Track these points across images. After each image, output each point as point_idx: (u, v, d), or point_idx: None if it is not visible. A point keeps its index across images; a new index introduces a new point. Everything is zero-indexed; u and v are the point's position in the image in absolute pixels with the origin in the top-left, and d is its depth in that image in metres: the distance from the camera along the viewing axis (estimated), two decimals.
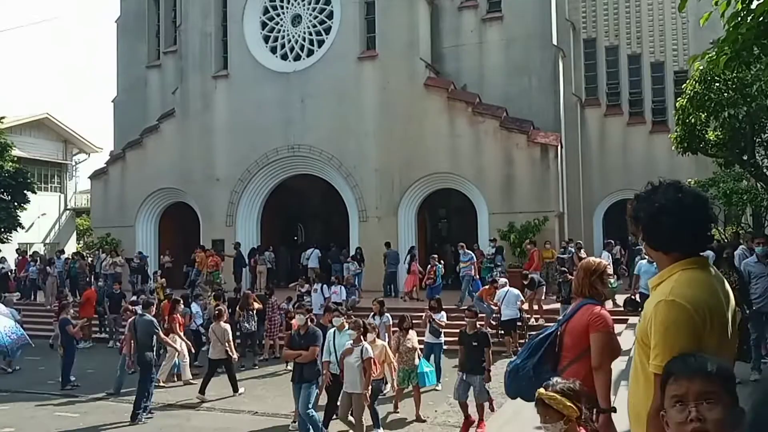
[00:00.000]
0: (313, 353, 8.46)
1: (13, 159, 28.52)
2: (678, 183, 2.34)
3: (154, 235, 23.84)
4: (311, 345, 8.47)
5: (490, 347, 8.73)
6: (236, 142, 21.80)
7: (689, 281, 2.22)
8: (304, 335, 8.61)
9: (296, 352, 8.49)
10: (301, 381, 8.39)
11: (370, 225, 20.38)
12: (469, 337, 8.67)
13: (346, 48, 20.75)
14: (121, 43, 26.77)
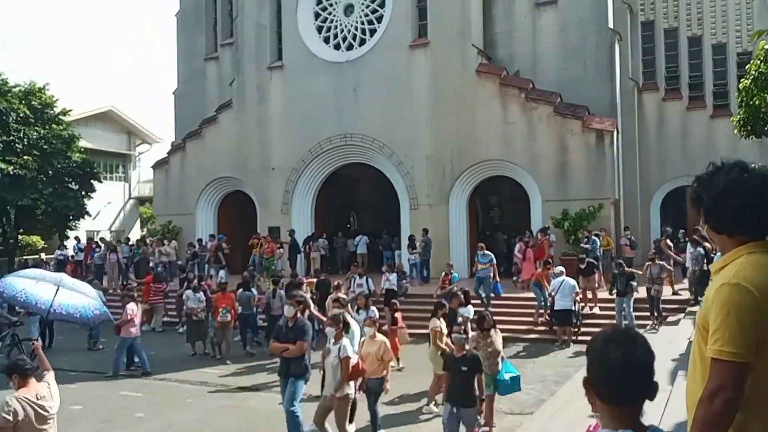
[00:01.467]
0: (301, 348, 7.87)
1: (80, 150, 29.85)
2: (743, 163, 2.23)
3: (213, 222, 24.58)
4: (299, 339, 7.87)
5: (483, 372, 7.49)
6: (291, 131, 22.21)
7: (755, 265, 2.11)
8: (292, 327, 7.99)
9: (283, 346, 7.91)
10: (288, 375, 7.89)
11: (421, 213, 20.47)
12: (456, 362, 7.34)
13: (398, 36, 20.81)
14: (180, 37, 27.55)
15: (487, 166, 19.94)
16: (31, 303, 6.82)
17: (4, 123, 26.42)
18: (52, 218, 28.06)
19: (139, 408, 10.06)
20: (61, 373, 12.29)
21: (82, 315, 6.86)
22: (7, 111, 26.51)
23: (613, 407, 1.85)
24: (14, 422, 4.94)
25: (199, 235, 23.43)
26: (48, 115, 28.59)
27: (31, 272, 7.67)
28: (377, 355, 8.02)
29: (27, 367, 5.33)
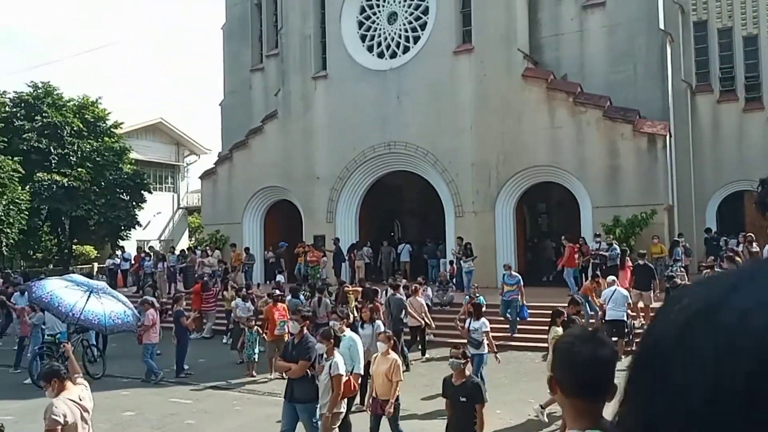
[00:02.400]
0: (303, 368, 7.17)
1: (131, 161, 30.66)
2: None
3: (260, 231, 24.82)
4: (302, 358, 7.20)
5: (484, 403, 6.40)
6: (335, 140, 22.29)
7: None
8: (297, 345, 7.39)
9: (286, 365, 7.35)
10: (292, 400, 7.26)
11: (467, 220, 20.22)
12: (455, 390, 6.30)
13: (442, 43, 20.69)
14: (227, 49, 28.03)
15: (534, 172, 19.59)
16: (53, 305, 6.91)
17: (59, 136, 27.34)
18: (105, 228, 28.86)
19: (188, 415, 10.12)
20: (112, 380, 12.62)
21: (100, 323, 6.91)
22: (62, 124, 27.44)
23: (579, 403, 1.95)
24: (63, 424, 4.99)
25: (246, 243, 23.68)
26: (100, 128, 29.49)
27: (72, 277, 7.75)
28: (388, 374, 7.30)
29: (63, 372, 5.39)
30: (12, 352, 14.72)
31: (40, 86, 28.44)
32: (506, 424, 9.30)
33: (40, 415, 5.31)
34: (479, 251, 18.62)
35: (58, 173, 26.69)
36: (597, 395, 1.95)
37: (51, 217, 26.96)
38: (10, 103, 28.02)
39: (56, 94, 28.66)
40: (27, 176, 25.20)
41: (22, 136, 26.25)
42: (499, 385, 11.52)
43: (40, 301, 7.15)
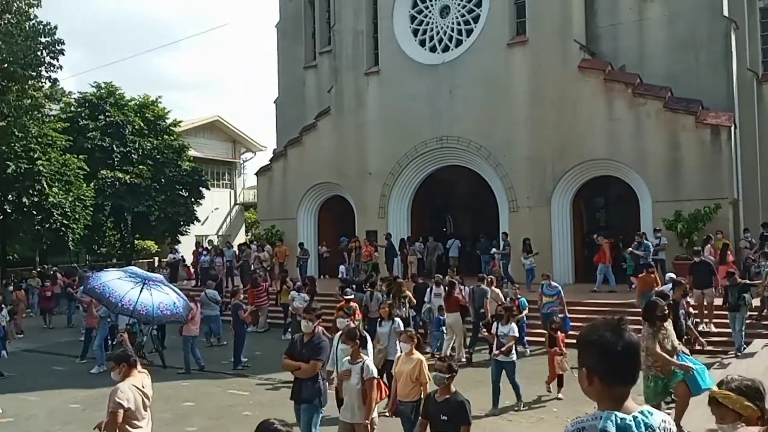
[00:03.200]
0: (314, 368, 6.76)
1: (190, 159, 31.50)
2: None
3: (314, 226, 25.12)
4: (313, 358, 6.78)
5: (469, 424, 5.43)
6: (387, 136, 22.32)
7: None
8: (307, 344, 6.92)
9: (295, 364, 6.86)
10: (299, 401, 6.90)
11: (521, 215, 19.94)
12: (437, 407, 5.51)
13: (496, 35, 20.43)
14: (281, 47, 28.40)
15: (591, 166, 19.14)
16: (105, 296, 7.06)
17: (121, 135, 28.29)
18: (165, 224, 29.72)
19: (246, 406, 10.34)
20: (173, 370, 13.02)
21: (148, 313, 7.01)
22: (123, 123, 28.38)
23: (613, 389, 2.12)
24: (125, 408, 5.17)
25: (300, 239, 24.01)
26: (160, 127, 30.37)
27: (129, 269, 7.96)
28: (412, 376, 6.81)
29: (133, 358, 5.59)
30: (79, 342, 15.39)
31: (103, 86, 29.49)
32: (563, 422, 9.13)
33: (105, 403, 5.52)
34: (534, 248, 18.31)
35: (120, 170, 27.63)
36: (631, 380, 2.14)
37: (114, 213, 27.94)
38: (75, 103, 29.15)
39: (118, 94, 29.66)
40: (91, 174, 26.19)
41: (87, 135, 27.27)
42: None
43: (93, 291, 7.32)
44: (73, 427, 9.22)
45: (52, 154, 24.24)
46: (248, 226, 40.79)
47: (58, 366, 14.19)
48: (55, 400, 10.94)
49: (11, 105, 20.55)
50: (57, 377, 12.93)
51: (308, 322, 7.07)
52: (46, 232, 24.10)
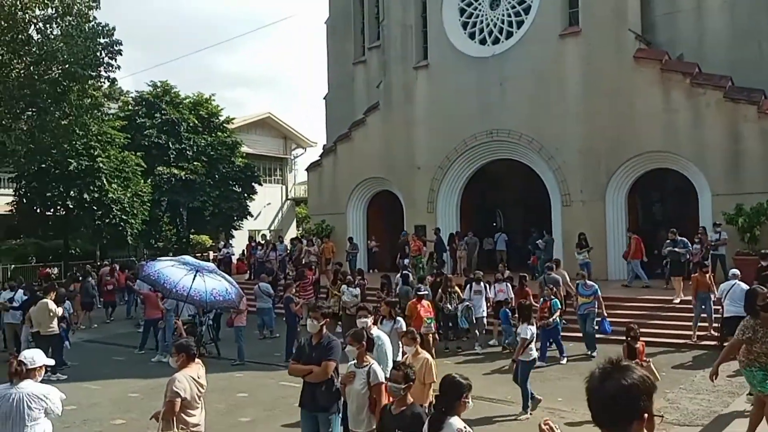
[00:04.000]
0: (327, 370, 6.07)
1: (243, 155, 32.12)
2: None
3: (363, 221, 25.24)
4: (325, 359, 6.10)
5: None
6: (436, 130, 22.22)
7: None
8: (316, 346, 6.27)
9: (305, 368, 6.17)
10: (314, 408, 6.17)
11: (574, 209, 19.55)
12: (392, 420, 5.03)
13: (547, 26, 20.06)
14: (330, 43, 28.60)
15: (647, 159, 18.60)
16: (159, 282, 7.28)
17: (176, 132, 29.04)
18: (219, 219, 30.43)
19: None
20: (226, 362, 13.31)
21: (202, 299, 7.21)
22: (179, 121, 29.12)
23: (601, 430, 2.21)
24: (182, 398, 5.33)
25: (350, 233, 24.18)
26: (214, 124, 31.04)
27: (182, 258, 8.15)
28: (419, 377, 6.29)
29: (193, 350, 5.74)
30: (137, 334, 15.90)
31: (159, 85, 30.31)
32: None
33: (161, 393, 5.69)
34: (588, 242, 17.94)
35: (176, 167, 28.39)
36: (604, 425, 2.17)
37: (170, 208, 28.73)
38: (133, 102, 30.08)
39: (173, 92, 30.44)
40: (149, 170, 27.00)
41: (144, 133, 28.10)
42: None
43: (147, 278, 7.62)
44: (133, 415, 9.54)
45: (112, 152, 25.11)
46: (299, 221, 41.32)
47: (118, 356, 14.70)
48: (116, 389, 11.34)
49: (73, 104, 21.30)
50: (117, 367, 13.40)
51: (313, 321, 6.35)
52: (106, 227, 24.99)
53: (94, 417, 9.57)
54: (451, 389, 4.19)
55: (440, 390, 4.23)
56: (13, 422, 5.11)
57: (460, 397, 4.16)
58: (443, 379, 4.29)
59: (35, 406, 5.20)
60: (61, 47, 20.16)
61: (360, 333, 6.21)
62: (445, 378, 4.29)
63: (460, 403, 4.16)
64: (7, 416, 5.11)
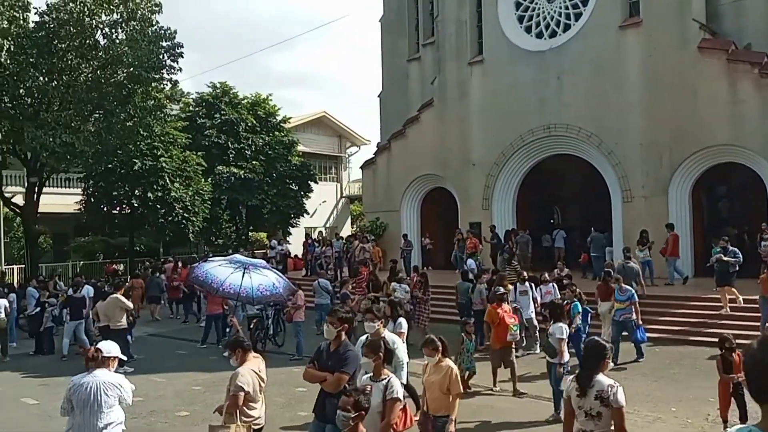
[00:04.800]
0: (339, 382, 5.58)
1: (299, 154, 32.61)
2: None
3: (417, 218, 25.24)
4: (339, 370, 5.63)
5: None
6: (491, 126, 21.99)
7: None
8: (333, 353, 5.81)
9: (320, 375, 5.75)
10: (324, 419, 5.72)
11: (636, 206, 19.02)
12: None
13: (606, 18, 19.56)
14: (384, 41, 28.69)
15: (712, 152, 17.90)
16: (207, 283, 7.41)
17: (235, 132, 29.71)
18: (276, 216, 31.00)
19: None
20: (285, 357, 13.55)
21: (248, 294, 7.29)
22: (237, 121, 29.78)
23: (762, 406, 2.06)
24: (246, 392, 5.47)
25: (404, 230, 24.21)
26: (271, 123, 31.61)
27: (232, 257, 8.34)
28: (442, 387, 6.07)
29: (247, 343, 5.89)
30: (199, 329, 16.36)
31: (218, 86, 31.05)
32: (682, 423, 8.67)
33: (223, 386, 5.85)
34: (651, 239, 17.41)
35: (235, 166, 29.06)
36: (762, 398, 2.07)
37: (230, 206, 29.42)
38: (193, 103, 30.91)
39: (232, 93, 31.13)
40: (209, 169, 27.74)
41: (204, 133, 28.85)
42: (673, 381, 10.79)
43: (196, 279, 7.73)
44: (197, 407, 9.82)
45: (174, 152, 25.91)
46: (353, 218, 41.65)
47: (181, 350, 15.17)
48: (180, 382, 11.70)
49: (137, 106, 22.11)
50: (180, 360, 13.83)
51: (330, 326, 5.87)
52: (168, 225, 25.81)
53: (160, 408, 9.90)
54: (596, 351, 4.70)
55: (586, 352, 4.80)
56: (90, 409, 5.38)
57: (603, 358, 4.66)
58: (588, 342, 5.00)
59: (111, 393, 5.46)
60: (126, 51, 20.94)
61: (377, 343, 5.71)
62: (590, 341, 4.98)
63: (604, 362, 4.65)
64: (86, 403, 5.38)
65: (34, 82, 20.30)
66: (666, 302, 15.08)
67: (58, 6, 20.38)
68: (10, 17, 19.98)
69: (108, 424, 5.42)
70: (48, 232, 28.26)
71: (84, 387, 5.41)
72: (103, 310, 13.22)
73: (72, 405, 5.44)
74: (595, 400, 4.47)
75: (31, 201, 22.96)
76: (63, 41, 20.37)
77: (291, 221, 32.15)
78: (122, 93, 21.79)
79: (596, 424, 4.49)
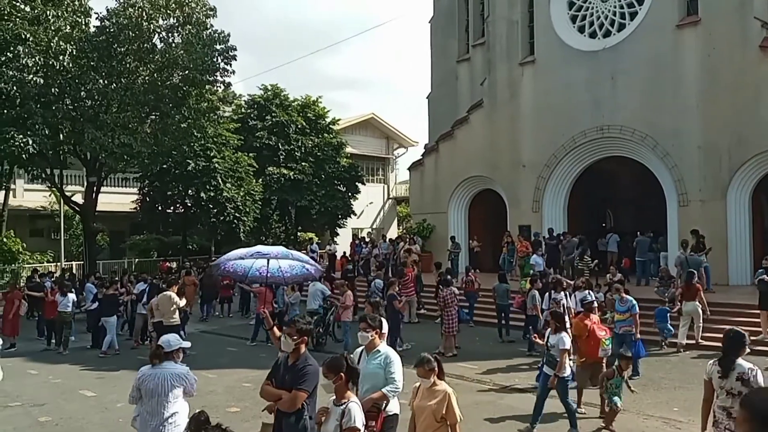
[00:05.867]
0: (294, 400, 4.99)
1: (347, 156, 32.85)
2: None
3: (464, 220, 25.08)
4: (296, 387, 5.01)
5: None
6: (542, 127, 21.69)
7: None
8: (290, 367, 5.19)
9: (275, 392, 5.14)
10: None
11: (692, 210, 18.44)
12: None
13: (663, 16, 19.05)
14: (434, 42, 28.63)
15: None
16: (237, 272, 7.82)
17: (285, 134, 30.13)
18: (324, 217, 31.30)
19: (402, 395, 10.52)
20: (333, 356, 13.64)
21: (272, 274, 7.68)
22: (288, 123, 30.20)
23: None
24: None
25: (451, 232, 24.08)
26: (320, 125, 31.93)
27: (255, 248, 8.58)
28: (437, 414, 5.22)
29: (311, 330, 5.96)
30: (250, 326, 16.62)
31: (270, 89, 31.54)
32: None
33: None
34: (708, 244, 16.84)
35: (285, 167, 29.47)
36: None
37: (279, 206, 29.86)
38: (245, 105, 31.48)
39: (283, 95, 31.58)
40: (260, 170, 28.23)
41: (256, 135, 29.36)
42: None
43: (225, 272, 8.14)
44: (247, 404, 9.98)
45: (226, 153, 26.46)
46: (400, 220, 41.68)
47: (232, 347, 15.44)
48: (230, 378, 11.92)
49: (191, 108, 22.66)
50: (231, 357, 14.08)
51: (287, 338, 5.22)
52: (220, 224, 26.38)
53: (212, 404, 10.08)
54: (737, 338, 5.21)
55: (728, 340, 5.23)
56: (158, 399, 5.66)
57: (743, 345, 5.20)
58: (729, 332, 5.34)
59: (177, 384, 5.75)
60: (182, 54, 21.51)
61: (336, 362, 4.85)
62: (731, 330, 5.37)
63: (743, 348, 5.19)
64: (153, 393, 5.67)
65: (95, 85, 21.04)
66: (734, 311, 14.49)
67: (117, 11, 21.07)
68: (72, 22, 20.79)
69: (173, 414, 5.68)
70: (105, 230, 29.21)
71: (152, 377, 5.72)
72: (157, 306, 13.56)
73: (140, 393, 5.76)
74: (736, 381, 5.04)
75: (90, 200, 23.78)
76: (122, 45, 21.04)
77: (338, 222, 32.41)
78: (177, 95, 22.38)
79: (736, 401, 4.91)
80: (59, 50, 19.71)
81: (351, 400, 4.79)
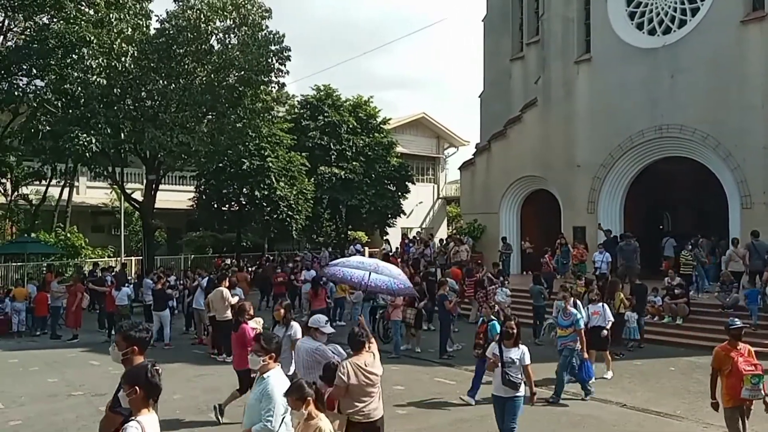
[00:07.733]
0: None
1: (397, 155, 32.90)
2: None
3: (516, 221, 24.78)
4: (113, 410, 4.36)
5: None
6: (598, 126, 21.23)
7: None
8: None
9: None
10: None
11: (756, 213, 17.71)
12: None
13: (726, 12, 18.37)
14: (487, 41, 28.37)
15: None
16: (347, 278, 8.21)
17: (337, 134, 30.36)
18: (374, 216, 31.41)
19: (452, 396, 10.51)
20: (383, 355, 13.67)
21: (389, 287, 8.15)
22: (339, 123, 30.42)
23: None
24: (347, 384, 5.65)
25: (503, 233, 23.83)
26: (371, 125, 32.06)
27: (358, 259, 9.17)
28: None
29: (361, 340, 6.01)
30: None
31: (322, 89, 31.84)
32: None
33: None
34: None
35: (336, 167, 29.72)
36: None
37: (330, 205, 30.13)
38: (298, 105, 31.87)
39: (335, 95, 31.82)
40: (312, 169, 28.55)
41: (308, 135, 29.69)
42: None
43: (333, 276, 8.71)
44: None
45: (280, 152, 26.89)
46: (449, 220, 41.47)
47: None
48: None
49: (246, 108, 23.09)
50: None
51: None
52: (273, 222, 26.84)
53: None
54: None
55: None
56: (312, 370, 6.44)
57: None
58: None
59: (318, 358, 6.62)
60: (238, 55, 21.94)
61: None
62: None
63: None
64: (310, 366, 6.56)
65: (155, 86, 21.69)
66: None
67: (176, 13, 21.65)
68: (134, 25, 21.49)
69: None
70: (163, 227, 30.06)
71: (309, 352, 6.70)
72: (211, 301, 13.84)
73: None
74: None
75: (149, 197, 24.51)
76: (181, 46, 21.61)
77: (388, 221, 32.46)
78: (233, 95, 22.84)
79: None
80: (121, 52, 20.41)
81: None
